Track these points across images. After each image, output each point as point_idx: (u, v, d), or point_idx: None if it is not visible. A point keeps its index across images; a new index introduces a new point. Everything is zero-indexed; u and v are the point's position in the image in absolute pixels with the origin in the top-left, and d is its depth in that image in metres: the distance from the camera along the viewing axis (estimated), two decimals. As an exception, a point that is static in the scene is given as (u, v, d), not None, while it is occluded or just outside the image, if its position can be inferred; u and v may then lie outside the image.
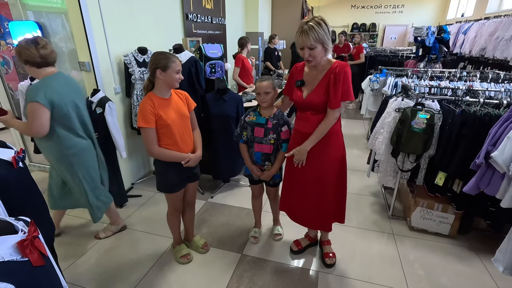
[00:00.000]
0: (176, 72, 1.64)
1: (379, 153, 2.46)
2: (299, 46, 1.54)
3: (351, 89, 1.59)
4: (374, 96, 3.90)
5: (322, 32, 1.47)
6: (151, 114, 1.60)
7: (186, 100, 1.82)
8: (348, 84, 1.56)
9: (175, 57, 1.66)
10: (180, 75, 1.67)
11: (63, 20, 2.63)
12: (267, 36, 6.57)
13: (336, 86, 1.55)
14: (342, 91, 1.56)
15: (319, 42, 1.48)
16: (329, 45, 1.53)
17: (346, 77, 1.55)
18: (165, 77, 1.62)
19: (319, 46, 1.49)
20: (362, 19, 10.76)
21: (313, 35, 1.46)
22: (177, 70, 1.64)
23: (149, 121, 1.60)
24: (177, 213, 2.00)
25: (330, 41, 1.52)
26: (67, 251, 2.15)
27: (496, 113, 1.92)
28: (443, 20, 9.67)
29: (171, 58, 1.62)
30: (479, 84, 3.07)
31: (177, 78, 1.65)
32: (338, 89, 1.55)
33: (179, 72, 1.66)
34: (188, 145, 1.81)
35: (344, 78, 1.54)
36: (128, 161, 2.99)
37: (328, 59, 1.63)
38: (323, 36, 1.48)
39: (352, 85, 1.59)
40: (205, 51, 2.97)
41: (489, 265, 1.99)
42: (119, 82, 2.81)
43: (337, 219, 1.91)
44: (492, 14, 5.97)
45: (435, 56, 4.56)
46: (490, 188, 1.56)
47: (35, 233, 0.78)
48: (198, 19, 4.07)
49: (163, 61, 1.60)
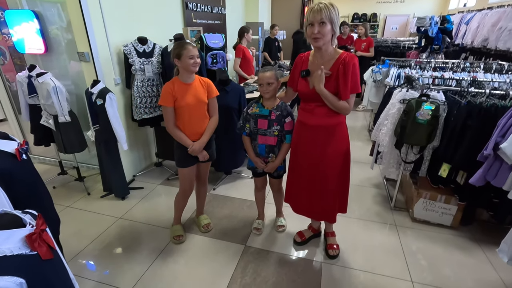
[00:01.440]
0: (190, 58, 1.75)
1: (382, 144, 2.45)
2: (308, 22, 1.50)
3: (359, 82, 1.58)
4: (376, 88, 3.87)
5: (334, 13, 1.47)
6: (170, 95, 1.79)
7: (207, 87, 1.93)
8: (358, 76, 1.56)
9: (188, 44, 1.78)
10: (195, 60, 1.78)
11: (59, 9, 2.56)
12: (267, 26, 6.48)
13: (346, 77, 1.53)
14: (352, 83, 1.54)
15: (329, 21, 1.46)
16: (337, 30, 1.52)
17: (355, 68, 1.53)
18: (182, 64, 1.78)
19: (329, 25, 1.47)
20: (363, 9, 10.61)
21: (325, 11, 1.45)
22: (190, 56, 1.75)
23: (166, 100, 1.80)
24: (184, 195, 2.11)
25: (338, 26, 1.51)
26: (69, 243, 2.14)
27: (502, 104, 1.91)
28: (445, 10, 9.55)
29: (183, 46, 1.76)
30: (483, 75, 3.04)
31: (192, 63, 1.77)
32: (348, 81, 1.52)
33: (193, 57, 1.77)
34: (195, 129, 1.92)
35: (353, 70, 1.53)
36: (129, 153, 2.96)
37: (335, 49, 1.60)
38: (334, 16, 1.47)
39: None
40: (206, 41, 2.92)
41: (491, 256, 2.01)
42: (119, 73, 2.76)
43: (339, 210, 1.91)
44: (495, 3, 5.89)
45: (437, 46, 4.51)
46: (497, 180, 1.56)
47: (43, 226, 0.76)
48: (198, 8, 3.99)
49: (176, 50, 1.76)
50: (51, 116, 2.53)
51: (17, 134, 3.35)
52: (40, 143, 2.81)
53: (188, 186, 2.07)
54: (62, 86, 2.45)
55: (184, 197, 2.12)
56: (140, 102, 2.74)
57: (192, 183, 2.09)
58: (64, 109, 2.45)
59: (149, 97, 2.78)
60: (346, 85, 1.54)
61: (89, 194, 2.76)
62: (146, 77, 2.72)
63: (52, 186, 2.87)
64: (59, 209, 2.53)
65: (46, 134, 2.71)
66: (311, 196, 1.83)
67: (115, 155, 2.54)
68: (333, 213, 1.88)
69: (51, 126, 2.55)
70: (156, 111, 2.85)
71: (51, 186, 2.87)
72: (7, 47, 3.83)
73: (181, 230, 2.20)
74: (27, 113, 2.71)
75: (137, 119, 2.79)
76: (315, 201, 1.83)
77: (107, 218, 2.43)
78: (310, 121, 1.68)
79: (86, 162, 3.18)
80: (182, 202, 2.16)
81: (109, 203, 2.65)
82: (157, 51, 2.78)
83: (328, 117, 1.64)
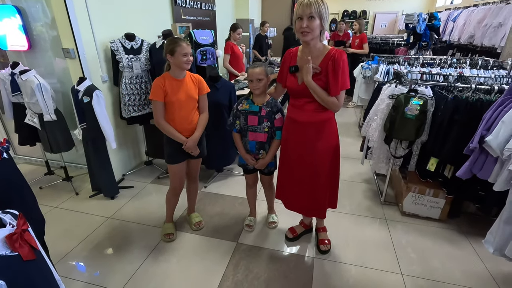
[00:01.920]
0: (183, 55, 1.75)
1: (372, 140, 2.47)
2: (297, 15, 1.48)
3: (348, 78, 1.58)
4: (366, 84, 3.90)
5: (323, 8, 1.46)
6: (160, 89, 1.78)
7: (198, 84, 1.92)
8: (347, 73, 1.56)
9: (182, 41, 1.77)
10: (188, 58, 1.77)
11: (44, 5, 2.48)
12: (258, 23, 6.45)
13: (335, 73, 1.52)
14: (341, 79, 1.54)
15: (318, 15, 1.45)
16: (326, 26, 1.50)
17: (344, 65, 1.53)
18: (174, 60, 1.76)
19: (318, 19, 1.46)
20: (353, 6, 10.67)
21: (315, 6, 1.44)
22: (184, 53, 1.75)
23: (157, 95, 1.78)
24: (175, 193, 2.10)
25: (327, 23, 1.50)
26: (57, 244, 2.10)
27: (487, 98, 1.94)
28: (433, 7, 9.69)
29: (177, 42, 1.74)
30: (469, 70, 3.10)
31: (185, 60, 1.76)
32: (338, 77, 1.52)
33: (187, 54, 1.76)
34: (185, 125, 1.90)
35: (343, 66, 1.52)
36: (118, 152, 2.91)
37: (324, 44, 1.60)
38: (323, 12, 1.46)
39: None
40: (195, 38, 2.88)
41: (478, 247, 2.06)
42: (106, 70, 2.70)
43: (330, 205, 1.93)
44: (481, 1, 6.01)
45: (425, 43, 4.58)
46: (483, 172, 1.59)
47: (24, 226, 0.74)
48: (187, 4, 3.93)
49: (170, 46, 1.74)
50: (36, 115, 2.46)
51: (0, 133, 3.25)
52: (25, 142, 2.74)
53: (178, 183, 2.06)
54: (46, 83, 2.38)
55: (175, 194, 2.11)
56: (128, 100, 2.69)
57: (182, 179, 2.07)
58: (49, 107, 2.38)
59: (138, 95, 2.73)
60: (336, 81, 1.53)
61: (77, 194, 2.70)
62: (134, 74, 2.67)
63: (38, 187, 2.80)
64: (46, 210, 2.48)
65: (31, 133, 2.64)
66: (302, 192, 1.83)
67: (104, 154, 2.49)
68: (323, 209, 1.89)
69: (36, 125, 2.48)
70: (145, 108, 2.81)
71: (37, 186, 2.80)
72: (-11, 44, 3.70)
73: (172, 228, 2.18)
74: (10, 112, 2.63)
75: (126, 117, 2.74)
76: (306, 197, 1.83)
77: (96, 218, 2.38)
78: (299, 117, 1.68)
79: (73, 161, 3.11)
80: (173, 200, 2.14)
81: (98, 203, 2.60)
82: (145, 48, 2.73)
83: (317, 113, 1.64)
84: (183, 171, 2.05)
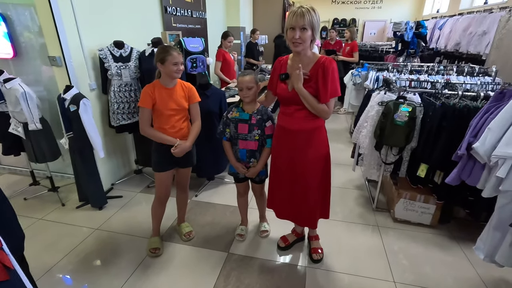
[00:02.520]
0: (174, 64, 1.74)
1: (363, 146, 2.48)
2: (290, 25, 1.48)
3: (339, 85, 1.58)
4: (356, 90, 3.95)
5: (316, 19, 1.47)
6: (148, 97, 1.77)
7: (188, 92, 1.90)
8: (337, 80, 1.56)
9: (173, 50, 1.75)
10: (178, 67, 1.77)
11: (32, 12, 2.44)
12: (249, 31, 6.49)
13: (325, 81, 1.53)
14: (331, 87, 1.54)
15: (310, 26, 1.46)
16: (317, 35, 1.52)
17: (334, 72, 1.53)
18: (164, 69, 1.75)
19: (310, 30, 1.47)
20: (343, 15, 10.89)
21: (308, 17, 1.44)
22: (174, 62, 1.74)
23: (145, 102, 1.77)
24: (160, 202, 2.05)
25: (318, 33, 1.52)
26: (41, 257, 2.02)
27: (474, 105, 1.97)
28: (420, 16, 9.95)
29: (168, 51, 1.73)
30: (456, 77, 3.16)
31: (175, 69, 1.75)
32: (327, 84, 1.52)
33: (177, 64, 1.75)
34: (173, 134, 1.87)
35: (332, 74, 1.53)
36: (107, 161, 2.85)
37: (313, 53, 1.61)
38: (315, 22, 1.47)
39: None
40: (185, 45, 2.87)
41: (469, 253, 2.06)
42: (95, 78, 2.66)
43: (321, 215, 1.91)
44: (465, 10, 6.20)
45: (413, 50, 4.67)
46: (471, 179, 1.60)
47: (-3, 244, 0.69)
48: (177, 12, 3.94)
49: (161, 55, 1.73)
50: (21, 124, 2.40)
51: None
52: (9, 152, 2.66)
53: (163, 192, 2.01)
54: (32, 92, 2.33)
55: (160, 203, 2.05)
56: (117, 108, 2.65)
57: (168, 189, 2.02)
58: (34, 116, 2.33)
59: (127, 103, 2.69)
60: (325, 88, 1.53)
61: (64, 205, 2.63)
62: (123, 82, 2.64)
63: (23, 198, 2.71)
64: (30, 222, 2.40)
65: (15, 142, 2.57)
66: (292, 201, 1.81)
67: (91, 163, 2.44)
68: (314, 218, 1.87)
69: (21, 135, 2.42)
70: (134, 116, 2.76)
71: (22, 197, 2.71)
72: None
73: (158, 242, 2.10)
74: (-6, 121, 2.55)
75: (115, 125, 2.69)
76: (297, 206, 1.81)
77: (83, 230, 2.31)
78: (289, 125, 1.67)
79: (60, 171, 3.03)
80: (159, 210, 2.08)
81: (85, 213, 2.53)
82: (135, 56, 2.70)
83: (307, 121, 1.63)
84: (170, 180, 2.00)
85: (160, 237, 2.16)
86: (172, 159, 1.90)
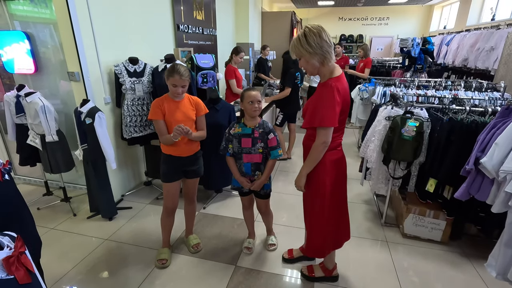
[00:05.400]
0: (173, 86, 1.81)
1: (370, 160, 2.49)
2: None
3: (328, 114, 1.42)
4: (363, 105, 3.98)
5: (299, 46, 1.44)
6: (158, 109, 1.86)
7: (195, 105, 1.97)
8: (327, 107, 1.42)
9: (178, 73, 1.79)
10: (177, 90, 1.82)
11: (52, 30, 2.59)
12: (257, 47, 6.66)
13: (314, 104, 1.48)
14: (317, 112, 1.45)
15: (299, 55, 1.49)
16: (313, 58, 1.44)
17: (324, 98, 1.43)
18: (168, 86, 1.84)
19: (302, 58, 1.49)
20: (350, 31, 11.06)
21: (294, 49, 1.49)
22: (174, 84, 1.81)
23: (155, 114, 1.86)
24: (167, 213, 2.08)
25: (314, 54, 1.42)
26: (53, 267, 2.06)
27: (482, 120, 1.98)
28: (426, 32, 10.04)
29: (172, 72, 1.79)
30: (464, 92, 3.17)
31: (173, 90, 1.83)
32: (313, 108, 1.48)
33: (176, 86, 1.81)
34: (182, 145, 1.93)
35: (322, 99, 1.44)
36: (118, 172, 2.92)
37: (332, 72, 1.48)
38: (300, 50, 1.45)
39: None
40: (196, 61, 2.98)
41: (482, 271, 2.01)
42: (109, 92, 2.77)
43: (307, 250, 1.92)
44: (472, 26, 6.24)
45: (420, 66, 4.71)
46: (480, 194, 1.59)
47: (21, 248, 0.74)
48: (189, 30, 4.09)
49: (167, 72, 1.82)
50: (38, 136, 2.50)
51: (2, 153, 3.28)
52: (25, 163, 2.75)
53: (171, 203, 2.05)
54: (50, 105, 2.44)
55: (167, 214, 2.08)
56: (130, 121, 2.73)
57: (175, 199, 2.06)
58: (51, 128, 2.42)
59: (139, 116, 2.78)
60: (311, 112, 1.50)
61: (75, 215, 2.68)
62: (136, 96, 2.74)
63: (36, 208, 2.78)
64: (43, 231, 2.45)
65: (32, 153, 2.67)
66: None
67: (103, 174, 2.50)
68: (309, 247, 1.88)
69: (38, 146, 2.51)
70: (146, 129, 2.85)
71: (35, 207, 2.78)
72: (-4, 67, 3.81)
73: (167, 253, 2.12)
74: (13, 133, 2.67)
75: (127, 137, 2.77)
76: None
77: (93, 240, 2.35)
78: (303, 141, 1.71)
79: (73, 182, 3.11)
80: (167, 221, 2.11)
81: (96, 224, 2.57)
82: (148, 71, 2.81)
83: (308, 138, 1.65)
84: (177, 191, 2.05)
85: (169, 248, 2.18)
86: (178, 169, 1.97)
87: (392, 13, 10.53)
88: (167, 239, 2.17)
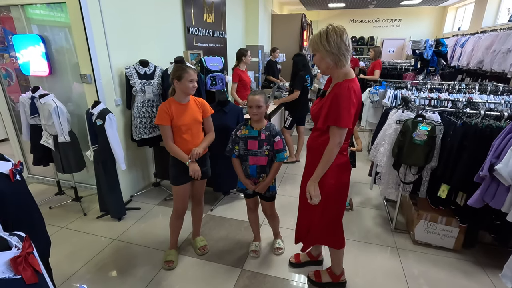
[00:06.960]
0: (190, 81, 1.84)
1: (380, 165, 2.44)
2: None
3: (344, 115, 1.41)
4: (374, 108, 3.91)
5: (318, 42, 1.43)
6: (166, 114, 1.86)
7: (202, 107, 2.00)
8: (343, 108, 1.40)
9: (190, 68, 1.86)
10: (194, 84, 1.87)
11: (67, 33, 2.66)
12: (267, 49, 6.66)
13: (329, 105, 1.45)
14: (332, 112, 1.43)
15: (315, 51, 1.47)
16: (329, 56, 1.43)
17: (340, 99, 1.41)
18: (180, 86, 1.85)
19: (318, 54, 1.47)
20: (361, 33, 10.95)
21: (313, 44, 1.47)
22: (190, 79, 1.84)
23: (162, 119, 1.87)
24: (177, 215, 2.09)
25: (330, 53, 1.41)
26: (62, 265, 2.10)
27: (497, 125, 1.92)
28: (440, 33, 9.84)
29: (185, 69, 1.83)
30: (479, 96, 3.08)
31: (191, 86, 1.86)
32: (328, 108, 1.45)
33: (193, 81, 1.85)
34: (191, 147, 1.94)
35: (337, 100, 1.41)
36: (127, 173, 2.96)
37: (346, 74, 1.46)
38: (318, 46, 1.44)
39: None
40: (206, 64, 3.00)
41: (496, 281, 1.94)
42: (120, 94, 2.82)
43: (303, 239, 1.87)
44: (488, 28, 6.08)
45: (433, 68, 4.61)
46: (495, 201, 1.54)
47: (29, 249, 0.75)
48: (199, 33, 4.13)
49: (178, 72, 1.83)
50: (51, 136, 2.56)
51: (17, 153, 3.37)
52: (39, 162, 2.83)
53: (181, 205, 2.06)
54: (63, 107, 2.50)
55: (177, 216, 2.10)
56: (140, 123, 2.77)
57: (185, 202, 2.07)
58: (64, 129, 2.48)
59: (149, 118, 2.82)
60: (326, 112, 1.46)
61: (85, 215, 2.73)
62: (146, 98, 2.78)
63: (48, 207, 2.84)
64: (53, 230, 2.50)
65: (45, 154, 2.73)
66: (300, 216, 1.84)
67: (113, 175, 2.54)
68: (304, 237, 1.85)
69: (50, 146, 2.57)
70: (155, 131, 2.88)
71: (47, 206, 2.85)
72: (13, 69, 3.94)
73: (174, 255, 2.13)
74: (27, 133, 2.75)
75: (136, 139, 2.81)
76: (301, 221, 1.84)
77: (102, 240, 2.39)
78: (308, 143, 1.69)
79: (84, 182, 3.17)
80: (176, 223, 2.13)
81: (105, 224, 2.61)
82: (158, 73, 2.85)
83: (315, 139, 1.62)
84: (187, 193, 2.06)
85: (176, 249, 2.19)
86: (188, 171, 1.97)
87: (405, 14, 10.37)
88: (175, 241, 2.18)
